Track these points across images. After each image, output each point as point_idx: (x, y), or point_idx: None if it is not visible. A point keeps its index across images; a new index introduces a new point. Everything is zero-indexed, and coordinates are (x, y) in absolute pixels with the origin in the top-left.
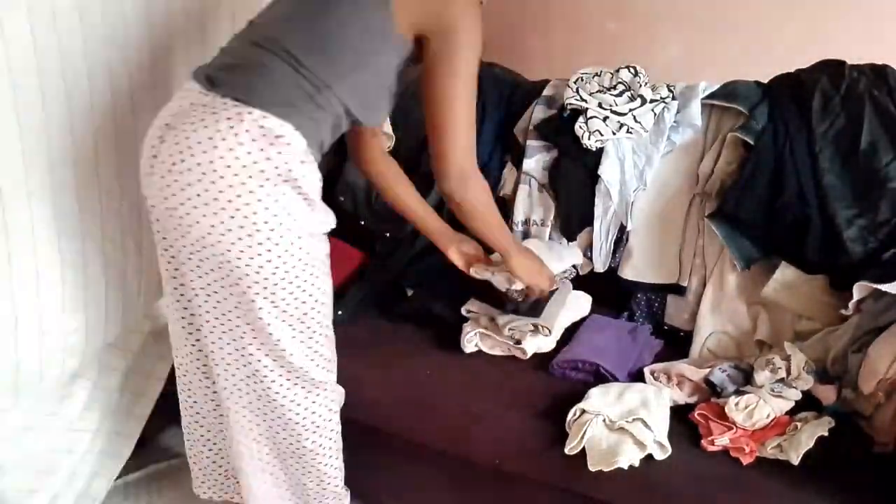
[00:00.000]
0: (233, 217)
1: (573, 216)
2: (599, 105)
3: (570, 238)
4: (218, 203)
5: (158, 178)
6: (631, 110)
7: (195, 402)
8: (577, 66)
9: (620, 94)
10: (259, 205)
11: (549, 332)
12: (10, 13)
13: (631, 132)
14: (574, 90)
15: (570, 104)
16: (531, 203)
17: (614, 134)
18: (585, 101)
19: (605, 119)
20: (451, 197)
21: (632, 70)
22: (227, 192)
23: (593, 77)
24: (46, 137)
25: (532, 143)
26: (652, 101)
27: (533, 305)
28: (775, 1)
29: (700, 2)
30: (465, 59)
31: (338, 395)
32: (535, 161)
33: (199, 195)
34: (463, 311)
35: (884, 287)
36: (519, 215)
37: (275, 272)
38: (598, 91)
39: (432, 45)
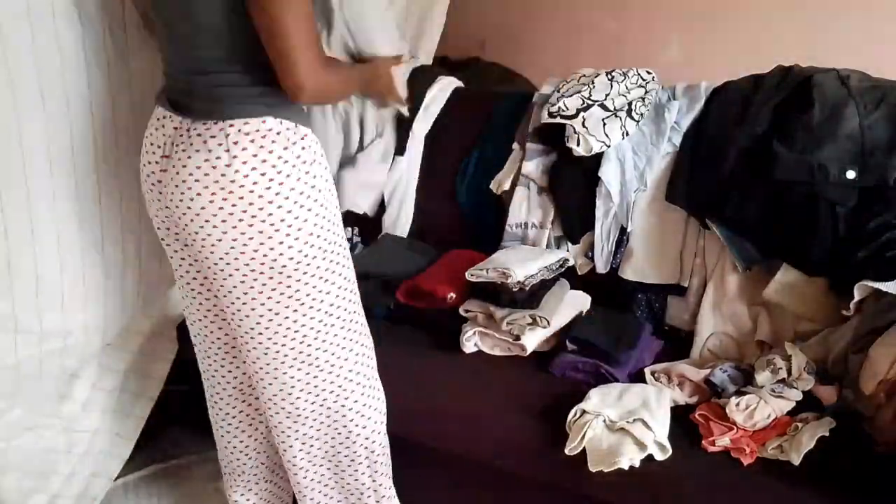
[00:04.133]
0: (251, 225)
1: (574, 219)
2: (600, 105)
3: (573, 241)
4: (234, 216)
5: (170, 205)
6: (629, 112)
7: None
8: (577, 66)
9: (619, 95)
10: (273, 206)
11: (548, 323)
12: (8, 13)
13: (629, 133)
14: (574, 91)
15: (570, 106)
16: (529, 206)
17: (611, 137)
18: (585, 101)
19: (602, 120)
20: (301, 87)
21: (631, 72)
22: (239, 203)
23: (593, 77)
24: (46, 139)
25: (531, 146)
26: (643, 100)
27: (530, 297)
28: (775, 1)
29: (700, 2)
30: None
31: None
32: (535, 164)
33: (215, 214)
34: (461, 311)
35: (884, 287)
36: (516, 218)
37: (302, 265)
38: (598, 92)
39: None
